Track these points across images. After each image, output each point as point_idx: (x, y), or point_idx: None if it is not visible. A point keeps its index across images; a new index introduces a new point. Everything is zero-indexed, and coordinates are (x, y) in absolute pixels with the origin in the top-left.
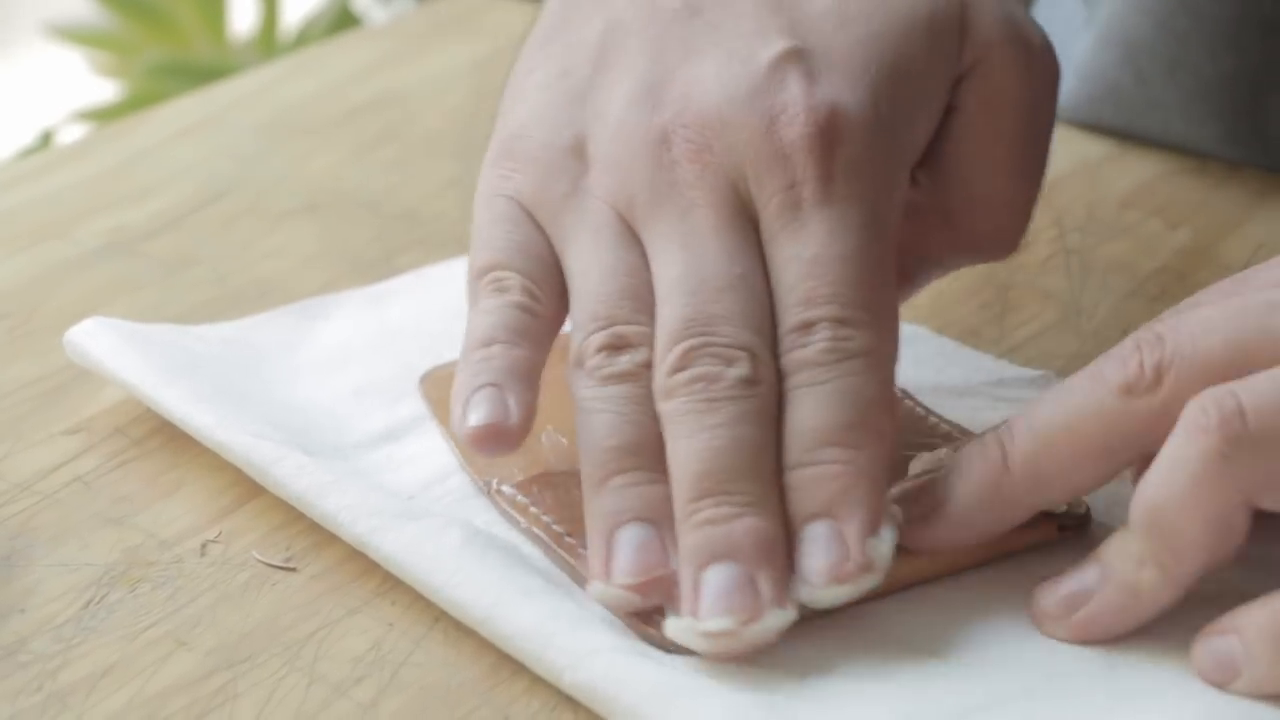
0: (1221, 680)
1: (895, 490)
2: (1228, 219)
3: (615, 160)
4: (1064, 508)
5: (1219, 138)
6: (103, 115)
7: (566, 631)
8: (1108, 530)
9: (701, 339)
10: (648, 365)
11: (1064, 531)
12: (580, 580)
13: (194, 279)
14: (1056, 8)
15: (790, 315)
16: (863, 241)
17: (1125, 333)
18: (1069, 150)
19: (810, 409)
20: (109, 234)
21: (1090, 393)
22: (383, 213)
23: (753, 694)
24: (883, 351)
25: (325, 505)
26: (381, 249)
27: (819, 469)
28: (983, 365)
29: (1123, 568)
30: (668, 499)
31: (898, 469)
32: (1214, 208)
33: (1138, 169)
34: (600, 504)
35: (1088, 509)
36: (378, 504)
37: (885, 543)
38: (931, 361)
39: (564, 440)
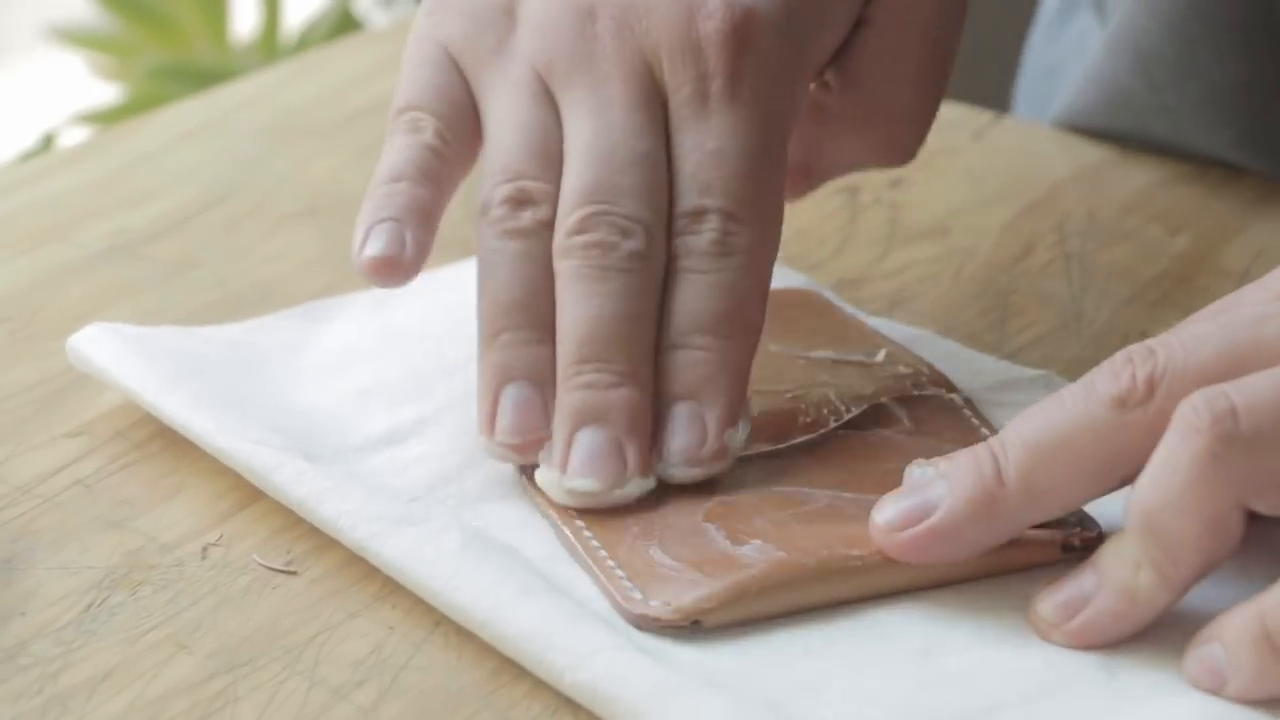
0: (1213, 688)
1: (885, 499)
2: (1228, 225)
3: (542, 24)
4: (1075, 533)
5: (1230, 144)
6: (104, 118)
7: (566, 631)
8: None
9: (602, 206)
10: (549, 223)
11: (1068, 553)
12: (583, 562)
13: (195, 282)
14: (1071, 23)
15: (685, 200)
16: (762, 142)
17: (1126, 338)
18: (1069, 156)
19: (690, 295)
20: (110, 237)
21: (1082, 406)
22: None
23: (752, 694)
24: (764, 250)
25: (325, 511)
26: None
27: (691, 353)
28: (985, 367)
29: (1119, 573)
30: (553, 360)
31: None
32: (1214, 213)
33: (1138, 175)
34: (490, 359)
35: (1099, 532)
36: (377, 509)
37: (740, 433)
38: (936, 364)
39: None
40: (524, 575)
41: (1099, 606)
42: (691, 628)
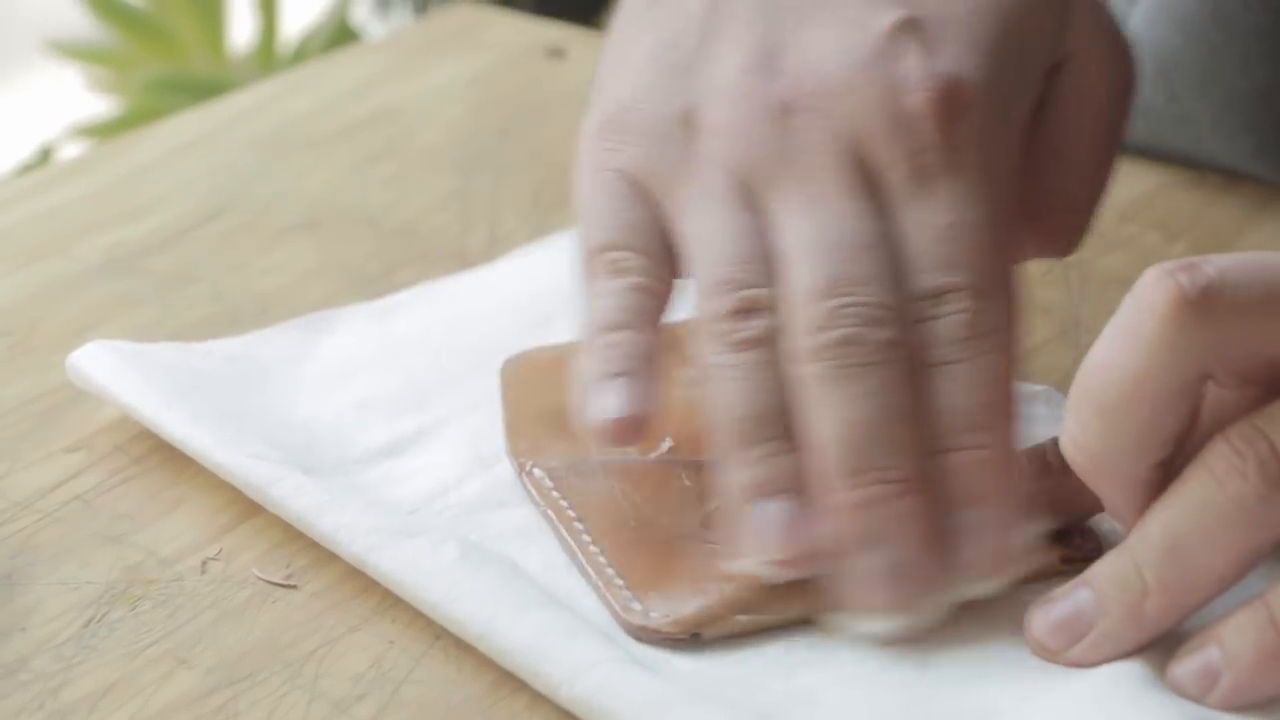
0: (1201, 692)
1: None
2: (1226, 231)
3: (733, 128)
4: (1075, 545)
5: (1251, 152)
6: (102, 131)
7: (563, 645)
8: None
9: (845, 299)
10: (778, 330)
11: (1068, 564)
12: (583, 570)
13: (193, 295)
14: None
15: (924, 280)
16: (991, 211)
17: None
18: None
19: (955, 388)
20: (108, 250)
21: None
22: (382, 228)
23: (748, 705)
24: (1013, 325)
25: (323, 524)
26: (381, 264)
27: (970, 454)
28: None
29: (1126, 599)
30: (802, 469)
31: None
32: (1212, 220)
33: (1136, 181)
34: (742, 476)
35: (1099, 544)
36: (375, 522)
37: (1032, 530)
38: None
39: None
40: (522, 587)
41: (1104, 633)
42: (691, 640)
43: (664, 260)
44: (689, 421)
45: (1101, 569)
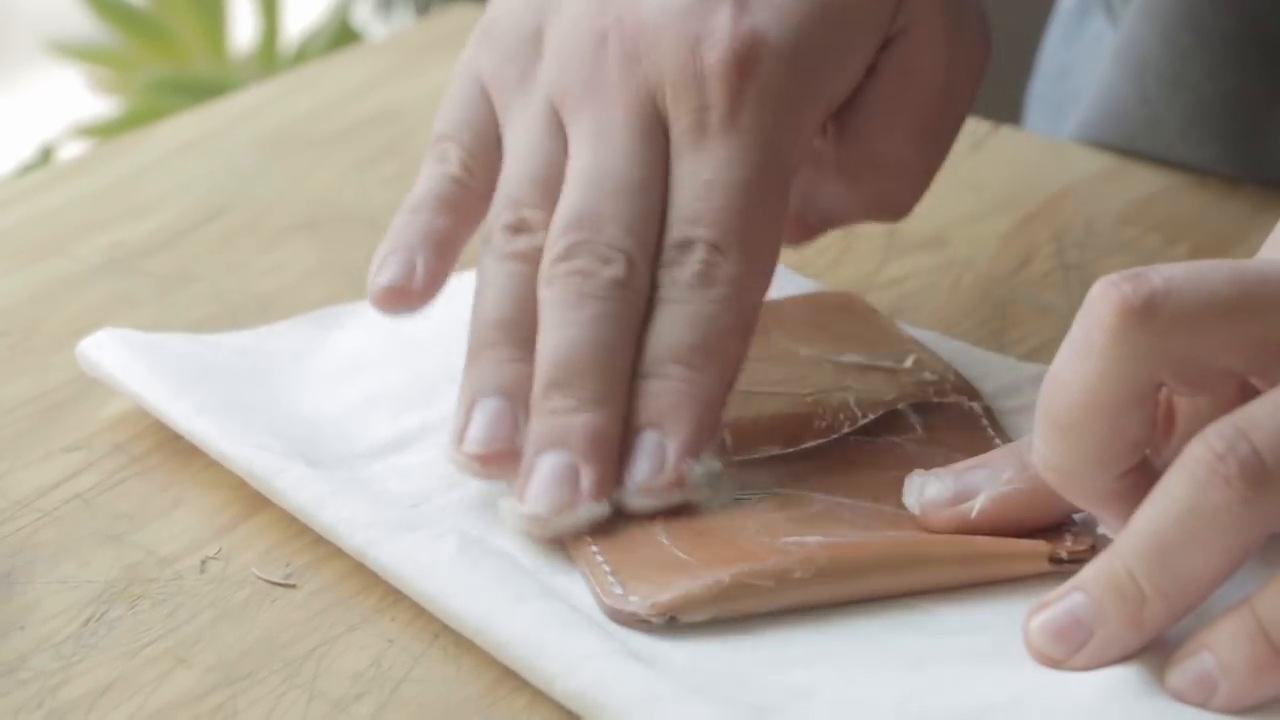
0: (1201, 699)
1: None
2: (1226, 234)
3: (560, 52)
4: (1064, 546)
5: (1217, 159)
6: (102, 131)
7: (558, 638)
8: None
9: (586, 234)
10: (542, 250)
11: (1058, 565)
12: (573, 559)
13: (193, 295)
14: (1086, 24)
15: (674, 230)
16: (756, 175)
17: None
18: (1067, 166)
19: (667, 326)
20: (108, 250)
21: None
22: (382, 228)
23: (741, 699)
24: (750, 283)
25: (324, 516)
26: None
27: (660, 382)
28: (992, 369)
29: (1125, 607)
30: (530, 379)
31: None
32: (1212, 223)
33: (1136, 185)
34: (469, 373)
35: (1093, 545)
36: (376, 515)
37: (704, 465)
38: None
39: None
40: (519, 581)
41: (1106, 639)
42: (668, 624)
43: (488, 160)
44: None
45: (1095, 574)
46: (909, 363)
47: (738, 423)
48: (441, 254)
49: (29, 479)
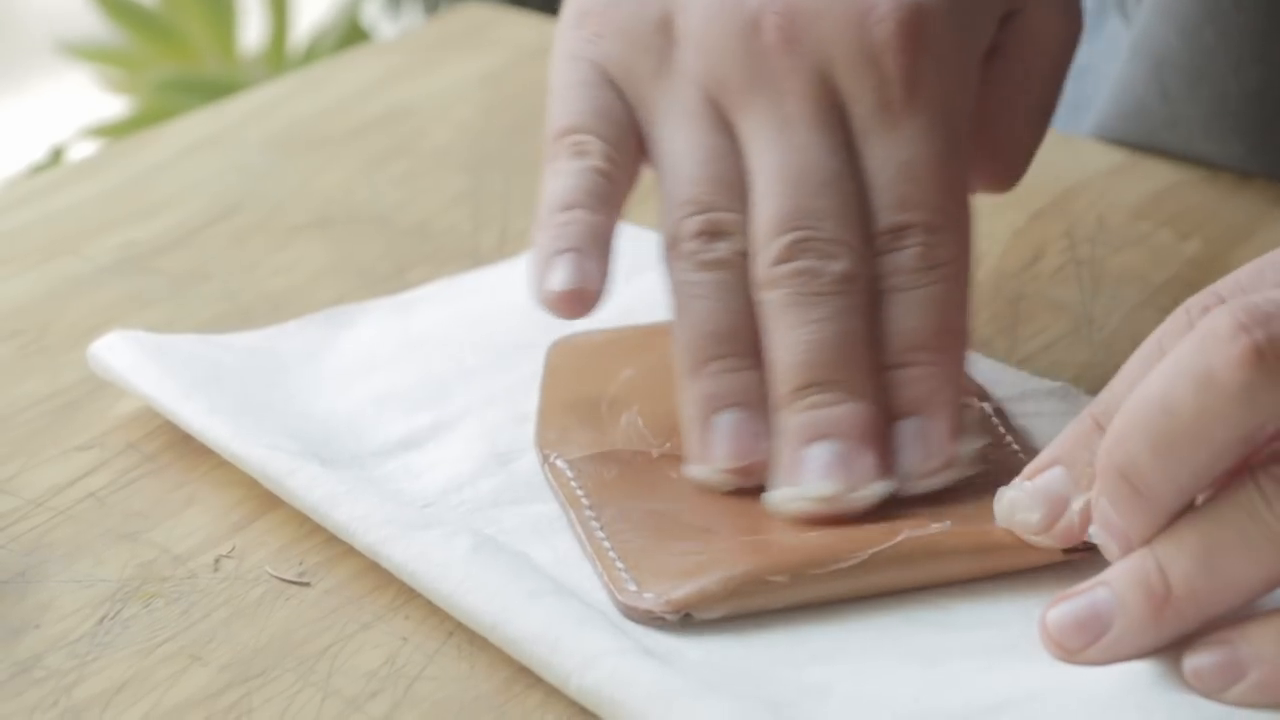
0: (1222, 685)
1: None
2: (1239, 229)
3: (705, 40)
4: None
5: (1242, 155)
6: (113, 131)
7: (572, 635)
8: None
9: (805, 233)
10: (743, 254)
11: (1070, 553)
12: (589, 556)
13: (205, 295)
14: (1104, 23)
15: (884, 216)
16: (947, 146)
17: (1136, 343)
18: (1080, 161)
19: (903, 312)
20: (120, 250)
21: (1207, 397)
22: (393, 227)
23: (756, 697)
24: (965, 256)
25: (338, 516)
26: (392, 263)
27: (911, 370)
28: (1003, 378)
29: (1148, 600)
30: (761, 384)
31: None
32: (1225, 218)
33: (1149, 179)
34: (697, 389)
35: None
36: (389, 514)
37: (967, 442)
38: None
39: (640, 422)
40: (533, 579)
41: (1122, 633)
42: (683, 621)
43: (628, 150)
44: None
45: (1122, 569)
46: None
47: None
48: (606, 251)
49: (42, 478)
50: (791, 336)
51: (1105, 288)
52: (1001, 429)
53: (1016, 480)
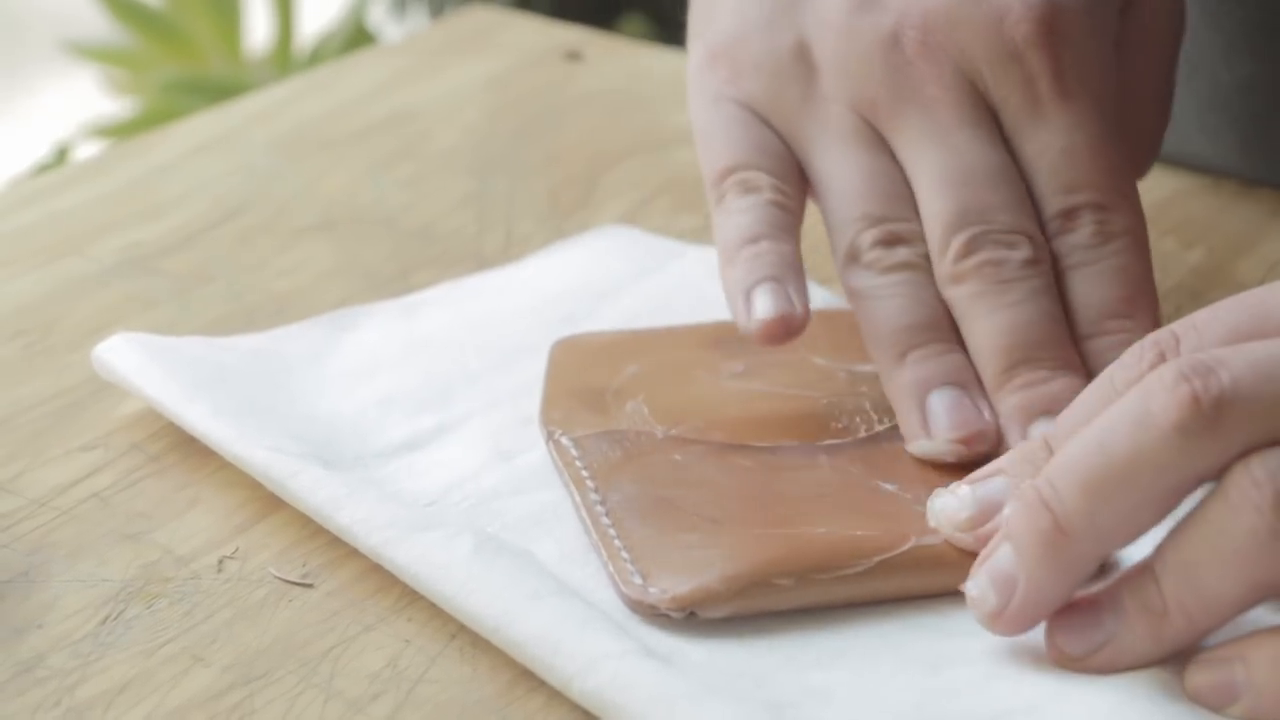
0: (1218, 704)
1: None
2: (1242, 238)
3: (846, 63)
4: None
5: (1234, 150)
6: (118, 131)
7: (574, 637)
8: None
9: (981, 226)
10: (925, 256)
11: None
12: (593, 543)
13: (210, 295)
14: None
15: (1052, 202)
16: (1102, 130)
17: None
18: None
19: (1089, 287)
20: (125, 250)
21: (1142, 437)
22: (398, 229)
23: (758, 699)
24: (1139, 228)
25: (340, 518)
26: (397, 265)
27: (1110, 338)
28: None
29: (1147, 617)
30: (969, 365)
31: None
32: (1228, 227)
33: (1152, 188)
34: (905, 375)
35: None
36: (392, 516)
37: None
38: None
39: (645, 410)
40: (535, 579)
41: (1124, 645)
42: (687, 618)
43: (794, 181)
44: (722, 409)
45: (1126, 582)
46: None
47: (755, 417)
48: (803, 278)
49: (46, 478)
50: (989, 322)
51: None
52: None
53: (955, 484)
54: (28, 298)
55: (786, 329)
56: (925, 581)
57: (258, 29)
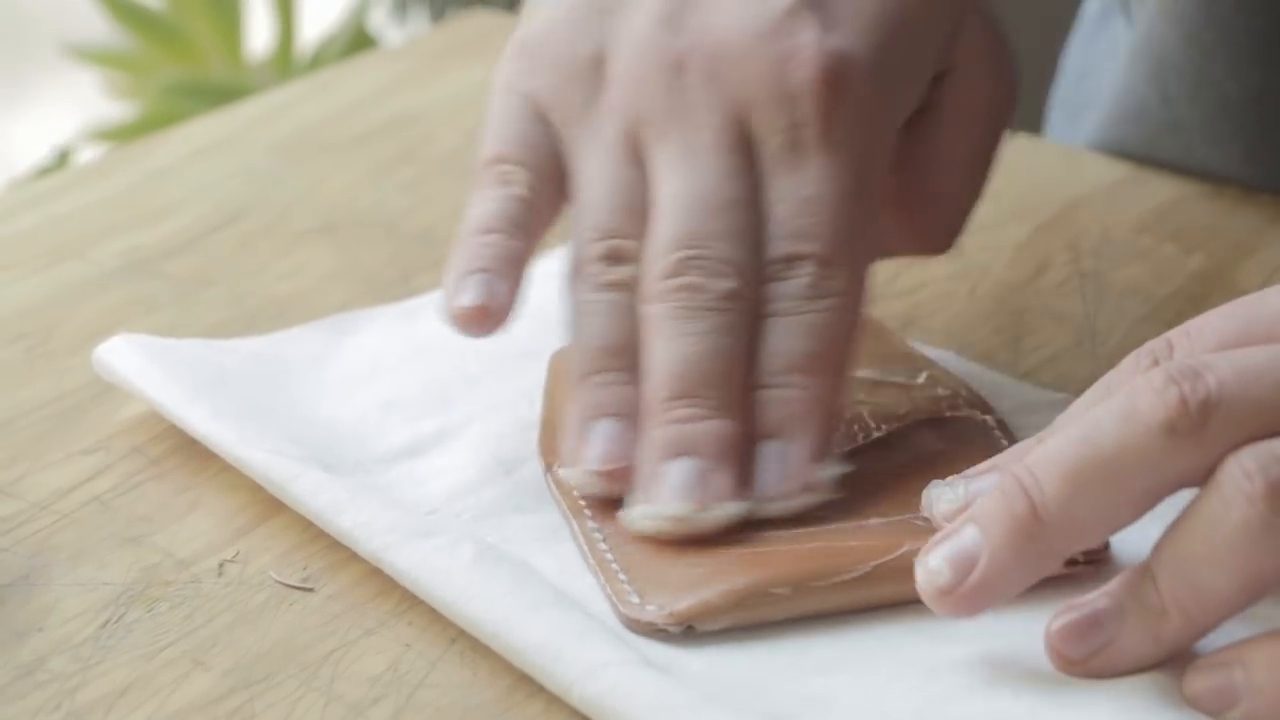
0: (1217, 709)
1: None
2: (1243, 244)
3: (632, 79)
4: None
5: (1241, 159)
6: (119, 135)
7: (574, 645)
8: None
9: (695, 251)
10: (638, 279)
11: (1071, 566)
12: (591, 567)
13: (211, 299)
14: (1108, 25)
15: (778, 246)
16: (855, 189)
17: None
18: (1084, 174)
19: (781, 336)
20: (126, 254)
21: (1127, 432)
22: (399, 233)
23: (758, 708)
24: (855, 294)
25: (341, 522)
26: (398, 269)
27: (779, 392)
28: (1007, 390)
29: (1146, 617)
30: (639, 399)
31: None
32: (1229, 232)
33: (1153, 193)
34: (581, 397)
35: (1106, 544)
36: (393, 521)
37: (830, 469)
38: None
39: None
40: (535, 588)
41: (1124, 647)
42: (685, 633)
43: (552, 181)
44: None
45: (1123, 582)
46: (921, 379)
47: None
48: (518, 275)
49: (47, 481)
50: (667, 348)
51: (1109, 301)
52: (1005, 442)
53: (952, 477)
54: (29, 301)
55: (483, 320)
56: None
57: (258, 32)
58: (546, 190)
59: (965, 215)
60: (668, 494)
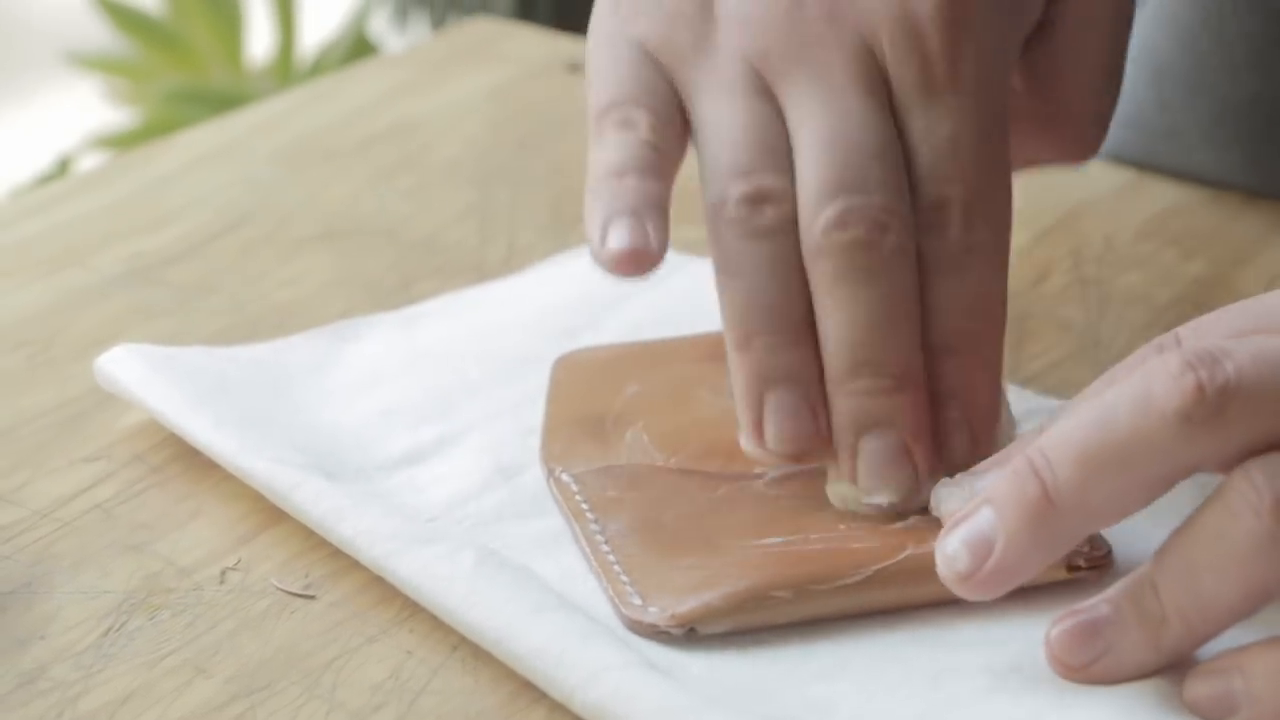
0: (1216, 716)
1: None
2: (1244, 250)
3: (748, 16)
4: (1082, 553)
5: (1240, 164)
6: (120, 142)
7: (576, 649)
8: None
9: (858, 198)
10: (792, 219)
11: (1074, 571)
12: (594, 570)
13: (212, 306)
14: None
15: (925, 188)
16: (988, 125)
17: None
18: (1085, 181)
19: (944, 294)
20: (127, 261)
21: (1141, 420)
22: (400, 240)
23: (757, 712)
24: (1004, 238)
25: (343, 529)
26: (399, 277)
27: (956, 358)
28: (1009, 396)
29: (1146, 625)
30: (814, 360)
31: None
32: (1230, 239)
33: (1154, 200)
34: (748, 364)
35: (1108, 551)
36: (394, 528)
37: (1007, 428)
38: None
39: (645, 438)
40: (537, 594)
41: (1124, 654)
42: (687, 635)
43: (674, 124)
44: (722, 432)
45: (1124, 588)
46: None
47: None
48: (664, 216)
49: (49, 489)
50: (843, 314)
51: (1111, 307)
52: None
53: (960, 474)
54: (30, 309)
55: (638, 262)
56: (923, 590)
57: (259, 39)
58: (669, 133)
59: (1104, 122)
60: (870, 475)
